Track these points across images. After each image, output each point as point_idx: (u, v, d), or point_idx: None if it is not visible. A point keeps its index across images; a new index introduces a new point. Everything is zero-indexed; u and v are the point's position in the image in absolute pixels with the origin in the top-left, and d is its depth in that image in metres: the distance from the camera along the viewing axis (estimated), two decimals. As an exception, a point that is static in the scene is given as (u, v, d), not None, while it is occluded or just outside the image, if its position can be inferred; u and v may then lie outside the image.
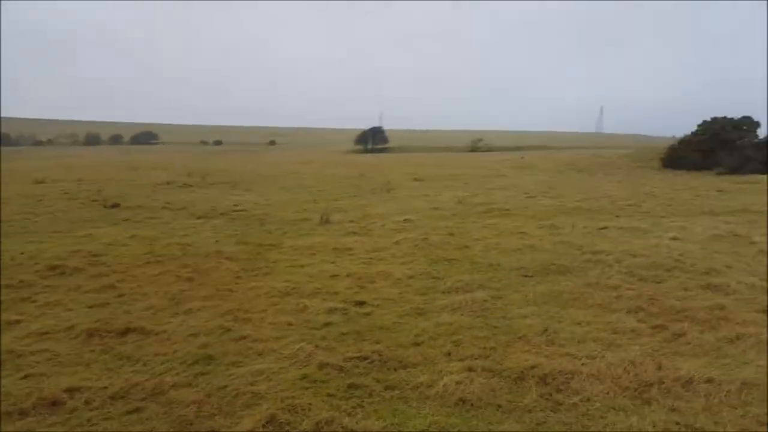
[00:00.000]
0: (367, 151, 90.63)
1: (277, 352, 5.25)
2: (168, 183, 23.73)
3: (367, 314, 6.32)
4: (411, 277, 7.88)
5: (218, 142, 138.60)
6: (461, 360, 5.01)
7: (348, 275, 8.00)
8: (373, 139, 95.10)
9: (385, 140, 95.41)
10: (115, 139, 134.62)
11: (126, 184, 23.75)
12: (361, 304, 6.69)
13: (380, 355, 5.12)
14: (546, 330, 5.62)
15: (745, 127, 24.76)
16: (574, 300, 6.64)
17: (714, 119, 25.91)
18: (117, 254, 9.41)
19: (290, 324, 6.03)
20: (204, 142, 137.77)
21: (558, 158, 37.29)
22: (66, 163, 43.85)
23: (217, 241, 10.86)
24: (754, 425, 3.78)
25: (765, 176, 20.55)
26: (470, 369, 4.76)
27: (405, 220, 12.95)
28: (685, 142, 26.35)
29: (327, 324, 6.01)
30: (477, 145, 75.57)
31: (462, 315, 6.16)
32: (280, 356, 5.16)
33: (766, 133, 24.55)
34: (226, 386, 4.54)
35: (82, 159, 53.10)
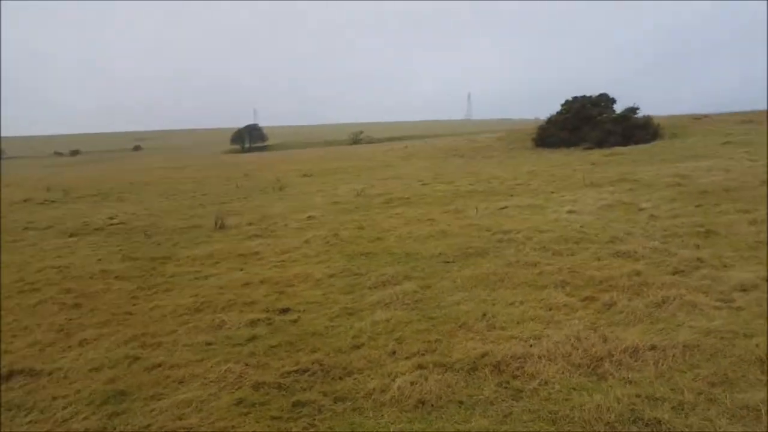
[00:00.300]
0: (244, 150, 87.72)
1: (202, 377, 4.62)
2: (25, 200, 20.96)
3: (294, 321, 5.81)
4: (332, 276, 7.42)
5: (75, 152, 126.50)
6: (408, 358, 4.71)
7: (262, 281, 7.37)
8: (250, 138, 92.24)
9: (263, 138, 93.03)
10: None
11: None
12: (285, 311, 6.13)
13: (320, 364, 4.67)
14: (485, 315, 5.49)
15: (603, 104, 27.01)
16: (501, 281, 6.59)
17: (575, 98, 27.99)
18: (-20, 287, 7.95)
19: (209, 343, 5.37)
20: (59, 153, 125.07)
21: (438, 146, 38.34)
22: None
23: (99, 259, 9.60)
24: (707, 386, 3.87)
25: (627, 147, 22.66)
26: (420, 366, 4.47)
27: (308, 217, 12.38)
28: (552, 122, 28.21)
29: (252, 338, 5.42)
30: (358, 137, 76.04)
31: (396, 310, 5.84)
32: (206, 381, 4.54)
33: (623, 109, 26.59)
34: (149, 425, 3.88)
35: None
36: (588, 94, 27.63)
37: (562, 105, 28.24)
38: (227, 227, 11.98)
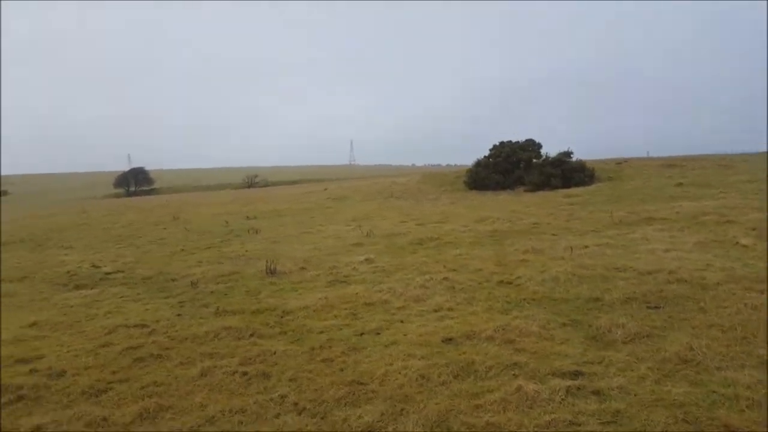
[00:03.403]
0: (129, 194, 78.55)
1: None
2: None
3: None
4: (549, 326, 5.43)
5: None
6: None
7: (450, 339, 5.16)
8: (136, 181, 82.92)
9: (150, 181, 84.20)
10: None
11: None
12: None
13: None
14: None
15: (530, 149, 27.43)
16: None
17: (502, 143, 28.21)
18: None
19: None
20: None
21: (356, 188, 36.77)
22: None
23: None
24: None
25: (579, 189, 22.72)
26: None
27: (366, 260, 9.97)
28: (482, 165, 28.04)
29: None
30: (254, 180, 71.64)
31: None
32: None
33: (557, 153, 26.72)
34: None
35: None
36: (514, 140, 28.02)
37: (491, 149, 28.26)
38: (278, 273, 9.23)
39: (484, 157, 28.31)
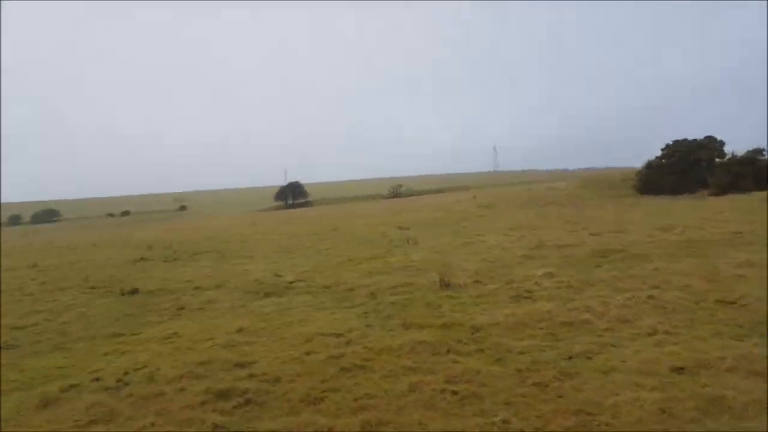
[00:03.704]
0: (288, 206, 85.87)
1: None
2: (142, 259, 18.43)
3: None
4: None
5: (126, 213, 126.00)
6: None
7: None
8: (293, 194, 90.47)
9: (305, 194, 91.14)
10: (14, 220, 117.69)
11: (87, 263, 18.10)
12: None
13: None
14: None
15: (711, 147, 24.25)
16: None
17: (677, 142, 25.34)
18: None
19: None
20: (111, 215, 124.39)
21: (504, 195, 35.71)
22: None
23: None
24: None
25: None
26: None
27: (545, 274, 9.53)
28: (654, 167, 25.43)
29: None
30: (398, 190, 73.87)
31: None
32: None
33: (746, 150, 23.35)
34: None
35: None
36: (691, 138, 24.92)
37: (663, 149, 25.51)
38: (453, 285, 9.18)
39: (656, 157, 25.57)
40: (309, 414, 4.56)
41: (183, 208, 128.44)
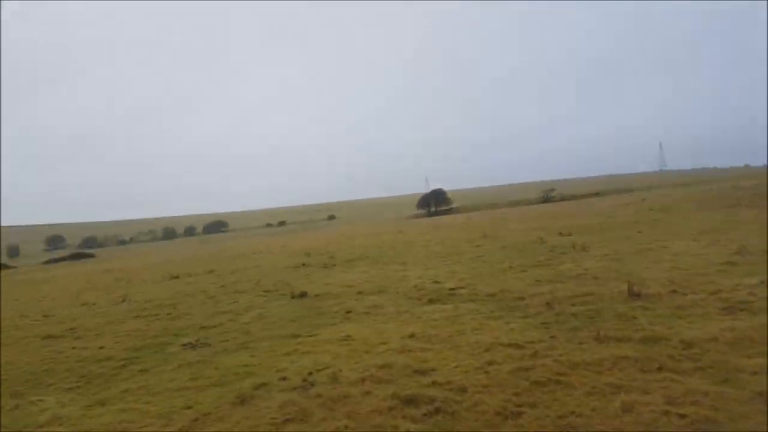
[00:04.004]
0: (431, 214, 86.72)
1: None
2: (304, 265, 19.72)
3: None
4: None
5: (282, 223, 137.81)
6: None
7: None
8: (435, 202, 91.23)
9: (448, 201, 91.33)
10: (190, 231, 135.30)
11: (255, 269, 19.92)
12: None
13: None
14: None
15: None
16: None
17: None
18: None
19: None
20: (269, 225, 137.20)
21: (680, 197, 31.86)
22: (170, 257, 41.11)
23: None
24: None
25: None
26: None
27: (761, 283, 8.12)
28: None
29: None
30: (550, 195, 70.42)
31: None
32: None
33: None
34: None
35: (172, 251, 50.78)
36: None
37: None
38: (644, 295, 8.22)
39: None
40: (509, 429, 4.23)
41: (332, 217, 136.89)
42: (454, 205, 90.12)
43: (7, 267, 71.80)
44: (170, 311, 12.74)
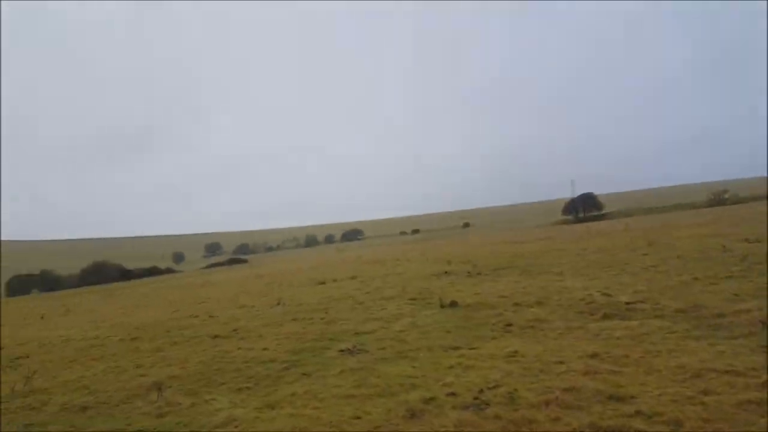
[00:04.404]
0: (579, 220, 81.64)
1: None
2: (447, 273, 19.40)
3: None
4: None
5: (416, 231, 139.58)
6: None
7: None
8: (584, 207, 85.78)
9: (598, 206, 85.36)
10: (329, 239, 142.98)
11: (397, 276, 20.05)
12: None
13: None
14: None
15: None
16: None
17: None
18: None
19: None
20: (403, 233, 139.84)
21: None
22: (314, 263, 43.49)
23: None
24: None
25: None
26: None
27: None
28: None
29: None
30: (722, 197, 62.43)
31: None
32: None
33: None
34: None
35: (315, 258, 53.58)
36: None
37: None
38: None
39: None
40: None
41: (467, 225, 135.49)
42: (605, 211, 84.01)
43: (173, 271, 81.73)
44: (323, 315, 13.13)
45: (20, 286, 72.60)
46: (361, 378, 7.16)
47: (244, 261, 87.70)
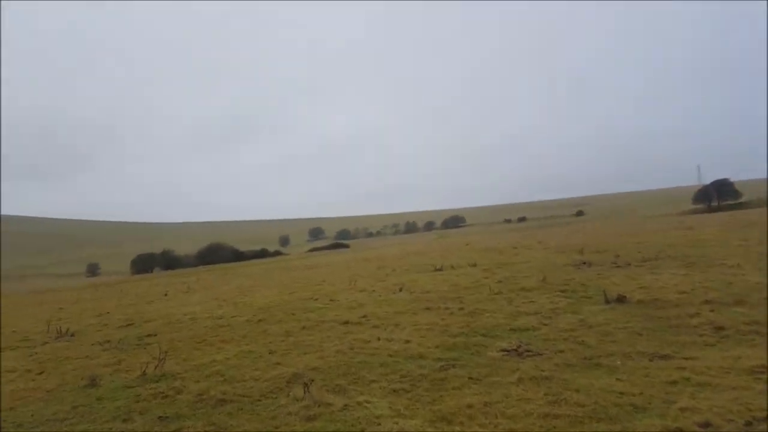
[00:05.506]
0: (712, 209, 73.70)
1: None
2: (584, 263, 17.30)
3: None
4: None
5: (522, 219, 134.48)
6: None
7: None
8: (718, 194, 77.24)
9: (736, 194, 76.55)
10: (429, 226, 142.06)
11: (522, 265, 18.24)
12: None
13: None
14: None
15: None
16: None
17: None
18: None
19: None
20: (508, 220, 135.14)
21: None
22: (416, 249, 42.60)
23: None
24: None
25: None
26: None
27: None
28: None
29: None
30: None
31: None
32: None
33: None
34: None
35: (414, 243, 52.65)
36: None
37: None
38: None
39: None
40: None
41: (580, 213, 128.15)
42: (744, 199, 75.14)
43: (281, 254, 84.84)
44: (460, 306, 11.78)
45: (143, 264, 79.22)
46: (551, 390, 5.70)
47: (346, 246, 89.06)
